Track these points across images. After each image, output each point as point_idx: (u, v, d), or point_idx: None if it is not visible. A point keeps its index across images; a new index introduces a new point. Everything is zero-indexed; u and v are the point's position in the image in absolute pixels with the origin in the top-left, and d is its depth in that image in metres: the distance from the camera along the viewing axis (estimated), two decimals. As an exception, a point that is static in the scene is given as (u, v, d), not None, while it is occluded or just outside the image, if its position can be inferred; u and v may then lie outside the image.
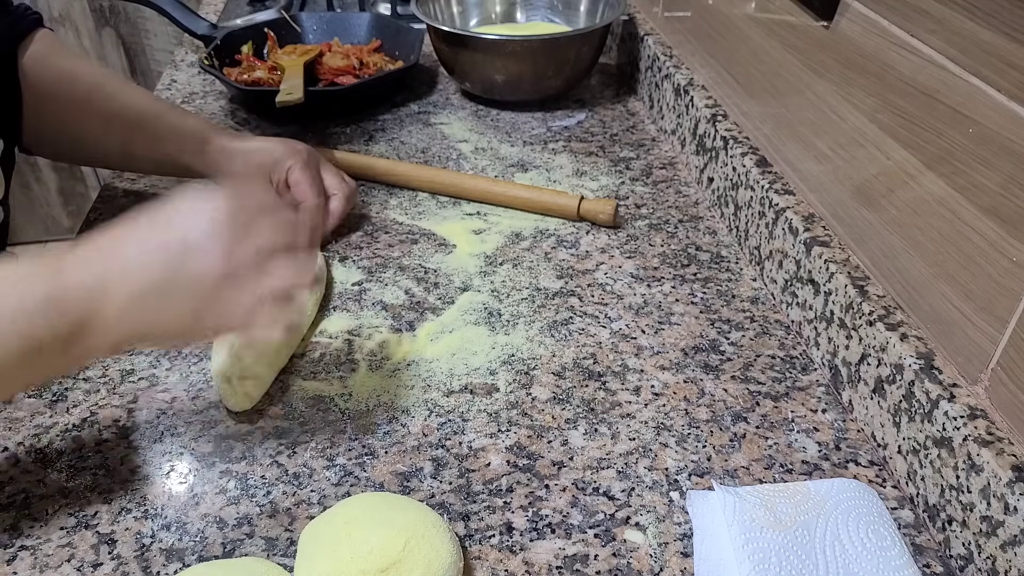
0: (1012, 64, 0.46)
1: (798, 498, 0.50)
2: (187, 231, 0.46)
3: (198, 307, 0.46)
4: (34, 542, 0.50)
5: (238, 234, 0.46)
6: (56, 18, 1.98)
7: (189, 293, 0.45)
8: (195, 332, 0.48)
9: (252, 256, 0.46)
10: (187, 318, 0.46)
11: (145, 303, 0.45)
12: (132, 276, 0.45)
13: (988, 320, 0.49)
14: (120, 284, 0.45)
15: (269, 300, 0.47)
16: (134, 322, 0.46)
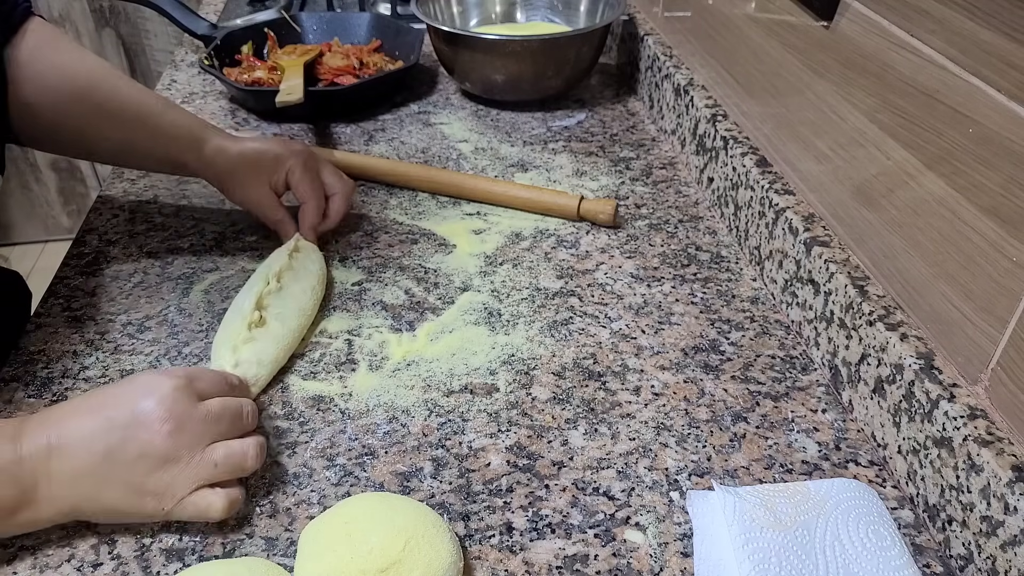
0: (1012, 64, 0.46)
1: (798, 498, 0.50)
2: (135, 408, 0.48)
3: (138, 483, 0.48)
4: (34, 542, 0.50)
5: (183, 416, 0.49)
6: (56, 18, 1.98)
7: (129, 468, 0.47)
8: (132, 509, 0.48)
9: (195, 441, 0.49)
10: (127, 493, 0.48)
11: (89, 474, 0.47)
12: (79, 447, 0.47)
13: (988, 320, 0.49)
14: (67, 455, 0.47)
15: (206, 484, 0.49)
16: (76, 493, 0.47)
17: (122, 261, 0.75)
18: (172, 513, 0.49)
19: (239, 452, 0.50)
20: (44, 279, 0.77)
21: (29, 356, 0.64)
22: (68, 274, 0.73)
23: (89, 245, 0.77)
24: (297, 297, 0.66)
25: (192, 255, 0.76)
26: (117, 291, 0.71)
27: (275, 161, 0.73)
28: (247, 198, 0.74)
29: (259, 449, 0.52)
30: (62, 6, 1.97)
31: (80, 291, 0.71)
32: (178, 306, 0.69)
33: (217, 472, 0.49)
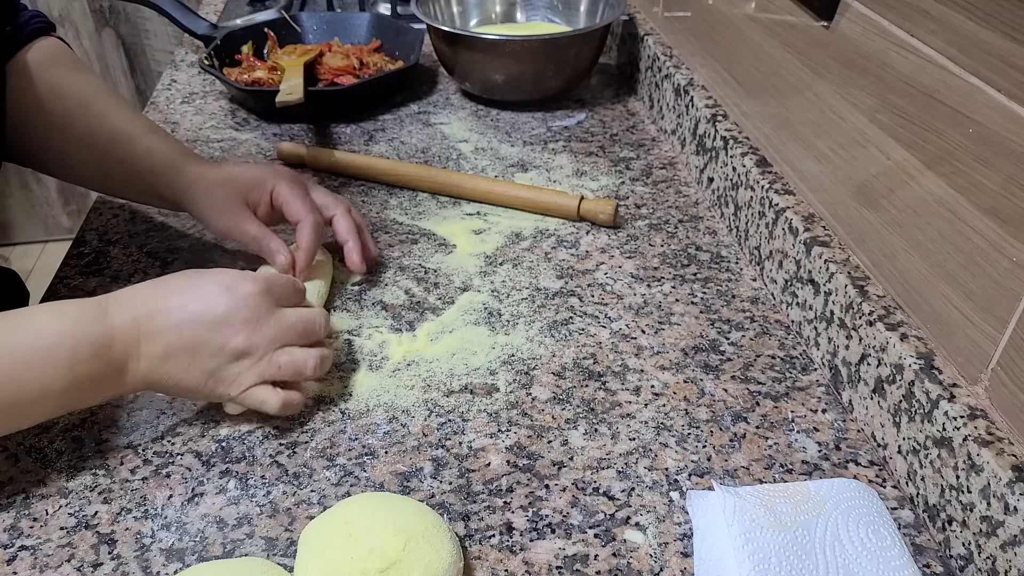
0: (1012, 64, 0.46)
1: (798, 498, 0.50)
2: (222, 306, 0.54)
3: (213, 371, 0.54)
4: (34, 542, 0.50)
5: (262, 320, 0.55)
6: (56, 18, 1.98)
7: (211, 357, 0.54)
8: (203, 391, 0.55)
9: (267, 342, 0.55)
10: (202, 378, 0.54)
11: (173, 359, 0.53)
12: (168, 334, 0.53)
13: (988, 320, 0.49)
14: (156, 339, 0.52)
15: (269, 381, 0.56)
16: (160, 373, 0.53)
17: (122, 261, 0.75)
18: (236, 399, 0.55)
19: (301, 360, 0.56)
20: (44, 279, 0.77)
21: (29, 356, 0.64)
22: (68, 274, 0.73)
23: (89, 245, 0.77)
24: (307, 301, 0.66)
25: (192, 255, 0.76)
26: (117, 291, 0.71)
27: (254, 181, 0.68)
28: (226, 223, 0.68)
29: (320, 360, 0.58)
30: (62, 6, 1.97)
31: (80, 291, 0.71)
32: (178, 306, 0.69)
33: (280, 373, 0.56)
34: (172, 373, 0.53)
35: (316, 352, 0.58)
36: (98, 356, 0.51)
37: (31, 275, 2.19)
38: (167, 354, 0.53)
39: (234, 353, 0.54)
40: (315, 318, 0.59)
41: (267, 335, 0.55)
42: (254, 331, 0.54)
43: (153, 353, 0.52)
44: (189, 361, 0.53)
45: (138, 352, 0.52)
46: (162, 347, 0.52)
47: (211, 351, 0.53)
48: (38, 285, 0.77)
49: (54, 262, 0.77)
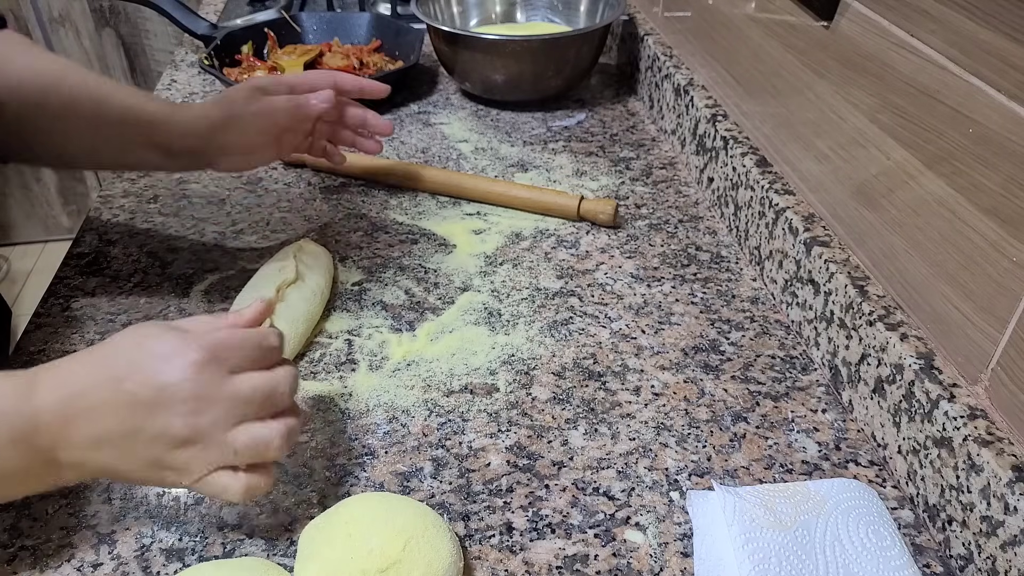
0: (1012, 64, 0.46)
1: (798, 498, 0.50)
2: (157, 383, 0.45)
3: (156, 459, 0.46)
4: (34, 542, 0.50)
5: (208, 397, 0.45)
6: (56, 18, 1.98)
7: (150, 443, 0.45)
8: (152, 480, 0.47)
9: (214, 425, 0.46)
10: (145, 467, 0.46)
11: (106, 447, 0.45)
12: (101, 415, 0.45)
13: (988, 320, 0.49)
14: (85, 425, 0.45)
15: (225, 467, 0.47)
16: (95, 463, 0.46)
17: (122, 261, 0.75)
18: (193, 487, 0.47)
19: (263, 439, 0.47)
20: (44, 279, 0.77)
21: (29, 356, 0.64)
22: (68, 274, 0.73)
23: (89, 245, 0.77)
24: (308, 301, 0.66)
25: (192, 255, 0.76)
26: (117, 291, 0.71)
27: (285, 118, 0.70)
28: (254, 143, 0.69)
29: (287, 435, 0.48)
30: (62, 6, 1.97)
31: (80, 291, 0.71)
32: (178, 306, 0.69)
33: (238, 459, 0.46)
34: (110, 462, 0.46)
35: (281, 426, 0.47)
36: (19, 444, 0.44)
37: (31, 275, 2.19)
38: (98, 441, 0.45)
39: (175, 440, 0.45)
40: (277, 383, 0.48)
41: (214, 416, 0.45)
42: (197, 413, 0.45)
43: (82, 441, 0.45)
44: (127, 449, 0.45)
45: (67, 439, 0.45)
46: (91, 434, 0.45)
47: (148, 438, 0.45)
48: (38, 285, 0.77)
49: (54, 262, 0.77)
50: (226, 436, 0.46)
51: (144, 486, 0.51)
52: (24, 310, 2.10)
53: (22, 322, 0.71)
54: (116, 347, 0.47)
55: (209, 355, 0.46)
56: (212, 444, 0.46)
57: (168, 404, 0.45)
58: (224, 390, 0.46)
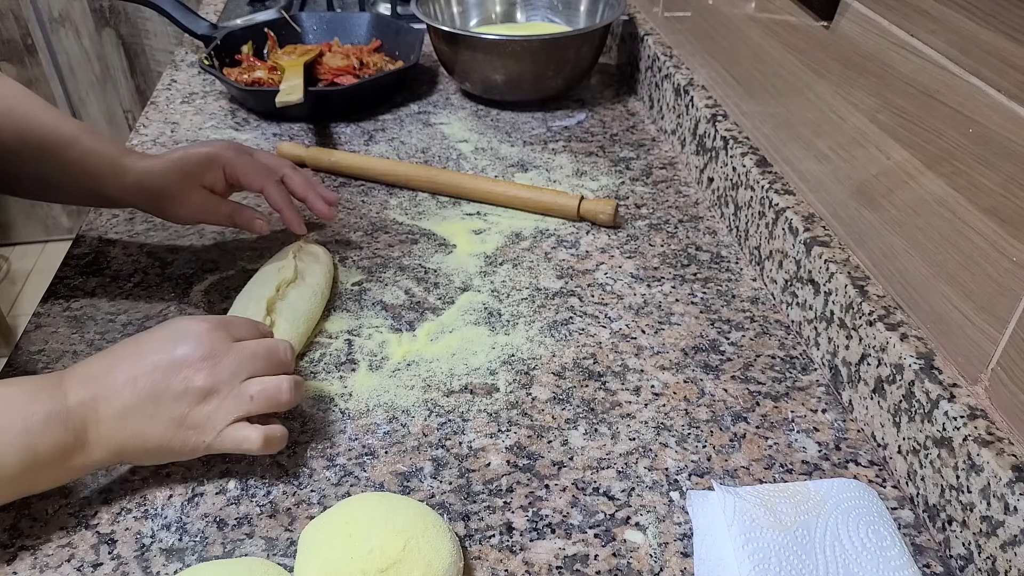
0: (1012, 64, 0.46)
1: (798, 498, 0.50)
2: (175, 350, 0.51)
3: (180, 417, 0.50)
4: (34, 542, 0.50)
5: (220, 352, 0.51)
6: (56, 18, 1.98)
7: (174, 402, 0.50)
8: (175, 444, 0.51)
9: (231, 375, 0.51)
10: (170, 428, 0.50)
11: (134, 414, 0.49)
12: (125, 390, 0.49)
13: (988, 320, 0.49)
14: (113, 398, 0.49)
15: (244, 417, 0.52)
16: (124, 434, 0.49)
17: (122, 261, 0.75)
18: (212, 446, 0.51)
19: (274, 386, 0.52)
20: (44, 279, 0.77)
21: (29, 356, 0.64)
22: (68, 274, 0.73)
23: (89, 245, 0.77)
24: (308, 300, 0.66)
25: (192, 255, 0.76)
26: (117, 291, 0.71)
27: (204, 160, 0.69)
28: (187, 208, 0.69)
29: (293, 384, 0.53)
30: (62, 6, 1.97)
31: (80, 291, 0.71)
32: (178, 306, 0.69)
33: (253, 405, 0.52)
34: (137, 430, 0.49)
35: (287, 377, 0.54)
36: (53, 426, 0.47)
37: (31, 275, 2.19)
38: (127, 410, 0.49)
39: (199, 393, 0.50)
40: (278, 345, 0.55)
41: (230, 367, 0.51)
42: (215, 366, 0.51)
43: (112, 413, 0.49)
44: (152, 412, 0.49)
45: (96, 415, 0.49)
46: (120, 404, 0.49)
47: (174, 395, 0.50)
48: (38, 285, 0.77)
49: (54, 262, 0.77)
50: (241, 386, 0.52)
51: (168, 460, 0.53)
52: (24, 310, 2.10)
53: (22, 322, 0.71)
54: (133, 338, 0.53)
55: (216, 323, 0.53)
56: (230, 394, 0.51)
57: (188, 363, 0.50)
58: (234, 348, 0.52)
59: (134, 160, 0.68)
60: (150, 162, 0.68)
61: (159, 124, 0.98)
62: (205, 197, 0.70)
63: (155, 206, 0.70)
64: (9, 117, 0.65)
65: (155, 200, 0.69)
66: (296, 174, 0.73)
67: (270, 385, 0.52)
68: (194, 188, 0.69)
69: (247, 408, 0.52)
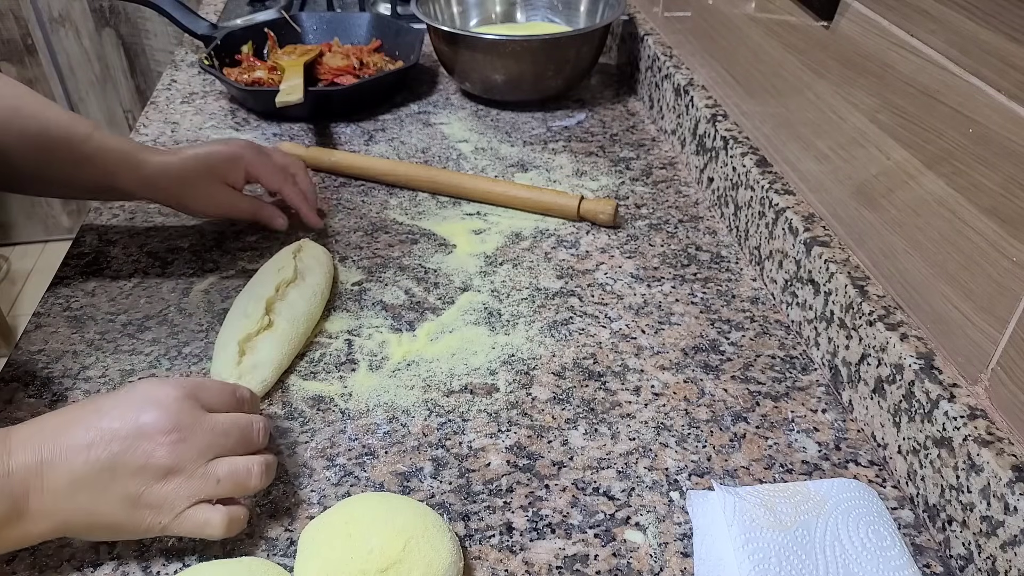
0: (1012, 64, 0.46)
1: (798, 498, 0.50)
2: (138, 419, 0.46)
3: (136, 495, 0.45)
4: (34, 542, 0.50)
5: (188, 427, 0.47)
6: (56, 18, 1.98)
7: (131, 478, 0.45)
8: (128, 523, 0.46)
9: (198, 453, 0.47)
10: (124, 506, 0.46)
11: (86, 486, 0.45)
12: (78, 458, 0.44)
13: (988, 320, 0.49)
14: (63, 467, 0.44)
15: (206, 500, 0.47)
16: (70, 508, 0.45)
17: (122, 261, 0.75)
18: (169, 528, 0.47)
19: (243, 470, 0.48)
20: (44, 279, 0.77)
21: (29, 356, 0.64)
22: (68, 274, 0.73)
23: (89, 245, 0.77)
24: (308, 300, 0.66)
25: (192, 255, 0.76)
26: (117, 291, 0.71)
27: (229, 160, 0.73)
28: (211, 203, 0.74)
29: (265, 468, 0.49)
30: (62, 6, 1.97)
31: (80, 291, 0.71)
32: (178, 306, 0.69)
33: (219, 489, 0.47)
34: (87, 505, 0.45)
35: (259, 459, 0.49)
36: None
37: (31, 275, 2.19)
38: (77, 482, 0.44)
39: (160, 470, 0.45)
40: (252, 421, 0.50)
41: (197, 445, 0.47)
42: (180, 441, 0.46)
43: (60, 484, 0.44)
44: (106, 487, 0.45)
45: (42, 483, 0.44)
46: (69, 474, 0.44)
47: (132, 470, 0.45)
48: (38, 285, 0.77)
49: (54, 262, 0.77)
50: (207, 466, 0.47)
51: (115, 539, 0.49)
52: (24, 310, 2.10)
53: (22, 322, 0.71)
54: (97, 397, 0.50)
55: (187, 390, 0.48)
56: (195, 474, 0.46)
57: (150, 435, 0.45)
58: (203, 422, 0.48)
59: (150, 155, 0.71)
60: (168, 157, 0.71)
61: (159, 124, 0.98)
62: (228, 193, 0.74)
63: (173, 199, 0.73)
64: (16, 116, 0.65)
65: (174, 194, 0.72)
66: (305, 178, 0.77)
67: (240, 467, 0.48)
68: (216, 184, 0.72)
69: (212, 491, 0.47)
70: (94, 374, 0.62)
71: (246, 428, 0.50)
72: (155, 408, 0.46)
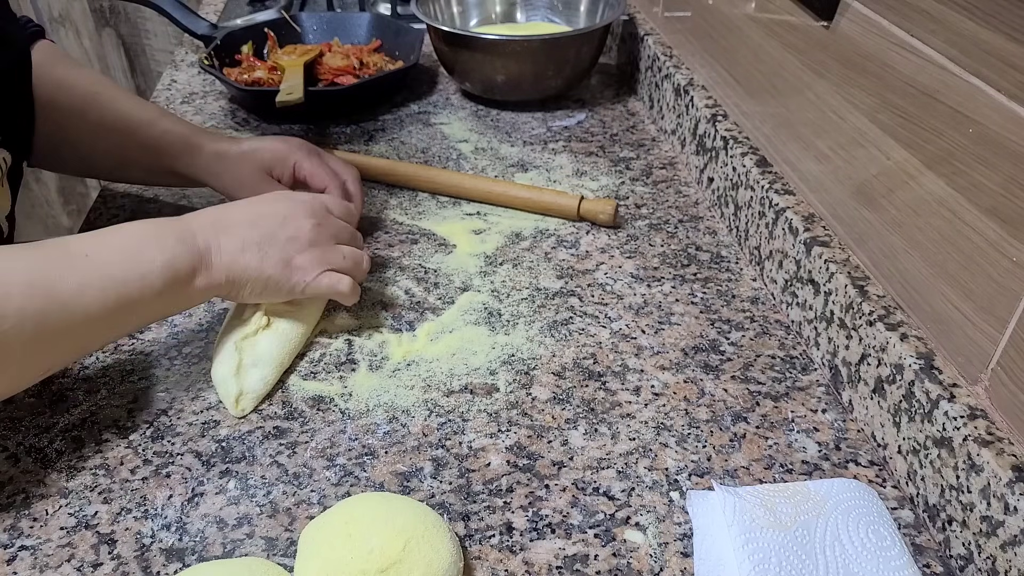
0: (1012, 64, 0.46)
1: (798, 498, 0.50)
2: (286, 208, 0.61)
3: (288, 258, 0.59)
4: (34, 542, 0.50)
5: (323, 218, 0.63)
6: (56, 18, 1.98)
7: (284, 246, 0.59)
8: (280, 279, 0.59)
9: (329, 235, 0.63)
10: (278, 266, 0.59)
11: (251, 248, 0.58)
12: (243, 228, 0.59)
13: (988, 320, 0.49)
14: (232, 233, 0.58)
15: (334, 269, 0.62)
16: (240, 264, 0.58)
17: (122, 261, 0.75)
18: (311, 285, 0.60)
19: (360, 254, 0.65)
20: (44, 279, 0.76)
21: (29, 356, 0.64)
22: (68, 274, 0.73)
23: (89, 245, 0.77)
24: (308, 300, 0.66)
25: (192, 255, 0.76)
26: (117, 291, 0.71)
27: (278, 157, 0.75)
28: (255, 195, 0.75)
29: (369, 261, 0.66)
30: (62, 6, 1.97)
31: (80, 291, 0.71)
32: (178, 306, 0.69)
33: (344, 262, 0.63)
34: (252, 263, 0.58)
35: (367, 253, 0.66)
36: (184, 246, 0.55)
37: (31, 275, 2.18)
38: (245, 244, 0.58)
39: (304, 242, 0.60)
40: (354, 231, 0.67)
41: (329, 229, 0.63)
42: (318, 224, 0.62)
43: (232, 245, 0.57)
44: (267, 250, 0.58)
45: (218, 245, 0.57)
46: (239, 239, 0.58)
47: (284, 239, 0.59)
48: (38, 285, 0.77)
49: (54, 262, 0.77)
50: (336, 247, 0.63)
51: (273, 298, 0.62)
52: (24, 310, 2.09)
53: (22, 322, 0.71)
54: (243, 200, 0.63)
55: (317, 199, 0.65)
56: (328, 249, 0.62)
57: (298, 217, 0.61)
58: (329, 219, 0.64)
59: (207, 140, 0.75)
60: (223, 145, 0.75)
61: (159, 124, 0.98)
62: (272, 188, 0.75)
63: (224, 187, 0.76)
64: (95, 103, 0.73)
65: (224, 182, 0.76)
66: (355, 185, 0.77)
67: (358, 252, 0.64)
68: (264, 179, 0.75)
69: (339, 263, 0.62)
70: (93, 373, 0.62)
71: (356, 235, 0.67)
72: (297, 203, 0.62)
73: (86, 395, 0.61)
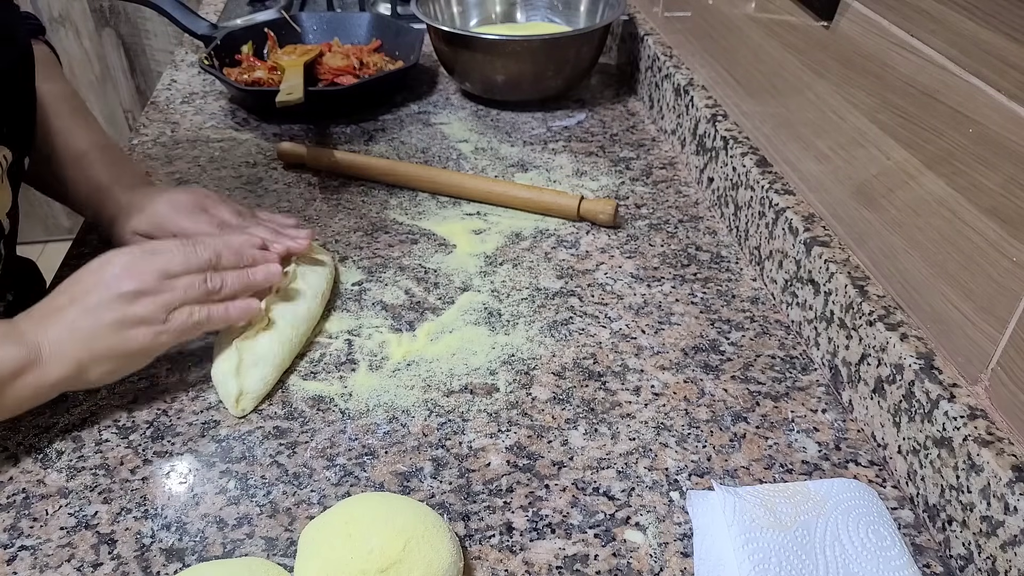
0: (1012, 64, 0.46)
1: (798, 498, 0.50)
2: (123, 262, 0.56)
3: (121, 319, 0.55)
4: (34, 542, 0.50)
5: (141, 261, 0.57)
6: (56, 18, 1.98)
7: (110, 308, 0.55)
8: (130, 344, 0.55)
9: (155, 276, 0.56)
10: (116, 330, 0.55)
11: (79, 325, 0.54)
12: (67, 309, 0.55)
13: (988, 320, 0.49)
14: (58, 317, 0.54)
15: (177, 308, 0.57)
16: (75, 345, 0.54)
17: (122, 261, 0.75)
18: (164, 334, 0.56)
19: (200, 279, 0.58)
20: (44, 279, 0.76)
21: (29, 356, 0.64)
22: (68, 274, 0.73)
23: (89, 245, 0.77)
24: (308, 300, 0.66)
25: (192, 255, 0.76)
26: (117, 291, 0.71)
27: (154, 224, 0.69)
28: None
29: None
30: (62, 6, 1.97)
31: (80, 291, 0.71)
32: (178, 306, 0.69)
33: (186, 295, 0.57)
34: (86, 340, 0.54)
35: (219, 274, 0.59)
36: (7, 343, 0.52)
37: (31, 275, 2.19)
38: (72, 327, 0.54)
39: (128, 295, 0.55)
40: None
41: (153, 269, 0.56)
42: (137, 270, 0.56)
43: (58, 331, 0.54)
44: (94, 321, 0.54)
45: (47, 334, 0.54)
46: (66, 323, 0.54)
47: (108, 302, 0.55)
48: (38, 285, 0.77)
49: (54, 262, 0.77)
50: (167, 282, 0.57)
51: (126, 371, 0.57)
52: (24, 310, 2.10)
53: (22, 322, 0.71)
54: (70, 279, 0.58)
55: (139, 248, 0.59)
56: (157, 289, 0.56)
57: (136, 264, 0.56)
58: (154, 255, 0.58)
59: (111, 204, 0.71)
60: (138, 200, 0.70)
61: (159, 124, 0.98)
62: None
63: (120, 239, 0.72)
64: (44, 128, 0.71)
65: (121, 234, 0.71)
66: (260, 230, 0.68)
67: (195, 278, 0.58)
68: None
69: (180, 297, 0.57)
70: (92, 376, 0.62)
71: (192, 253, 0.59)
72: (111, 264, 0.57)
73: (86, 395, 0.61)
